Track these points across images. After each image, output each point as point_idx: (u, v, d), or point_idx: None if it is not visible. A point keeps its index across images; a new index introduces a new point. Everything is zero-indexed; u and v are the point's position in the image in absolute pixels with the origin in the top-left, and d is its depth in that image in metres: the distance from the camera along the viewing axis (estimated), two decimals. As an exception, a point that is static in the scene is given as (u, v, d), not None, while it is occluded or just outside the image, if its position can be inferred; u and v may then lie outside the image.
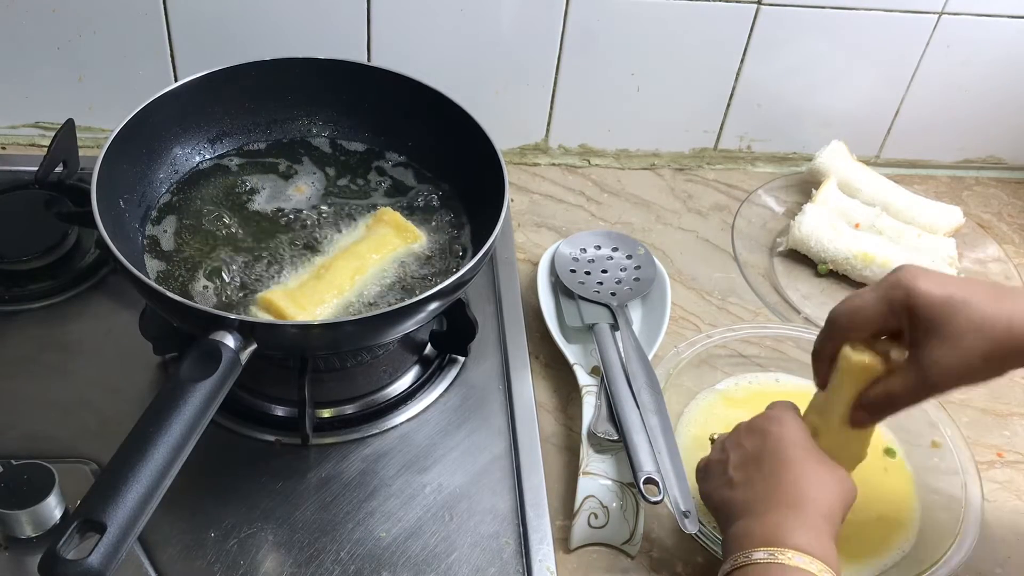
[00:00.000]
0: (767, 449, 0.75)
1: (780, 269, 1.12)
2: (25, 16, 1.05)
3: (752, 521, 0.72)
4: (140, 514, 0.61)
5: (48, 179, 1.02)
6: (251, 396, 0.88)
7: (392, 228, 0.89)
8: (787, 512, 0.71)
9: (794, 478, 0.73)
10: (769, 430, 0.77)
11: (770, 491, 0.73)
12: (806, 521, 0.70)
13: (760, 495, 0.73)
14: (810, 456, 0.74)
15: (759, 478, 0.74)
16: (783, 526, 0.70)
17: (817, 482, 0.73)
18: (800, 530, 0.69)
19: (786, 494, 0.72)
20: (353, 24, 1.08)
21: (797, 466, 0.73)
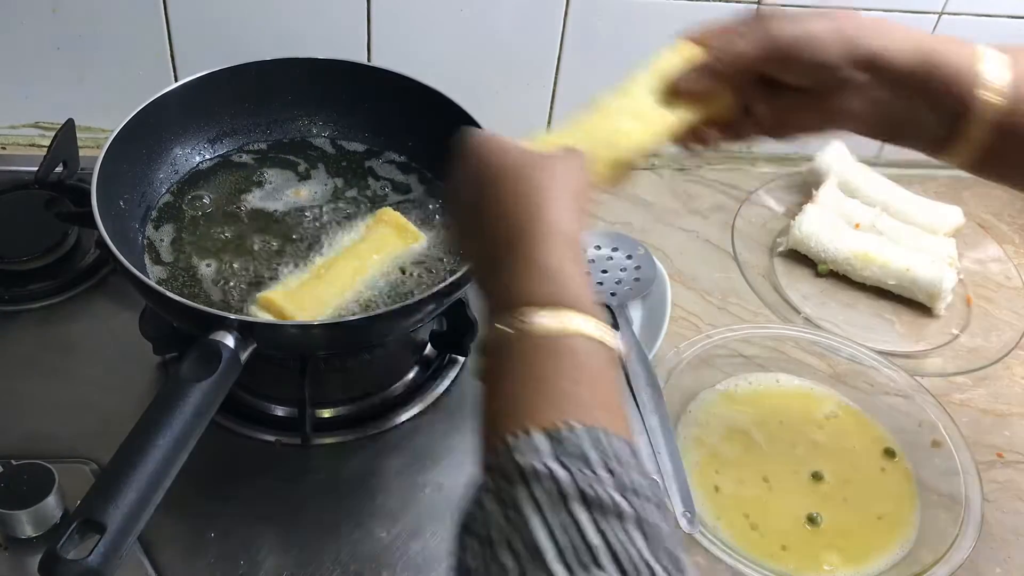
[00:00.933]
0: (475, 195, 0.61)
1: (780, 269, 1.12)
2: (25, 16, 1.05)
3: (489, 284, 0.59)
4: (140, 514, 0.61)
5: (48, 179, 1.02)
6: (251, 396, 0.88)
7: (392, 228, 0.89)
8: (511, 260, 0.57)
9: (503, 211, 0.59)
10: (476, 171, 0.62)
11: (490, 240, 0.59)
12: (529, 260, 0.56)
13: (486, 250, 0.60)
14: (515, 171, 0.60)
15: (477, 229, 0.61)
16: (513, 281, 0.56)
17: (534, 201, 0.58)
18: (525, 271, 0.56)
19: (504, 236, 0.58)
20: (353, 24, 1.08)
21: (505, 195, 0.59)
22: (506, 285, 0.56)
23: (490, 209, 0.60)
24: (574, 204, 0.59)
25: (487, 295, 0.59)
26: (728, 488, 0.86)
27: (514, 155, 0.61)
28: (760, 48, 0.65)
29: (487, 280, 0.60)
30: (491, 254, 0.59)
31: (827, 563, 0.82)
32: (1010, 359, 1.03)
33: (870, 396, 0.96)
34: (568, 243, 0.57)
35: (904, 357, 1.01)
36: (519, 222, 0.58)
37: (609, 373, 0.53)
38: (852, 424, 0.94)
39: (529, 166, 0.60)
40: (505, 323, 0.54)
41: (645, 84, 0.72)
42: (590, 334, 0.53)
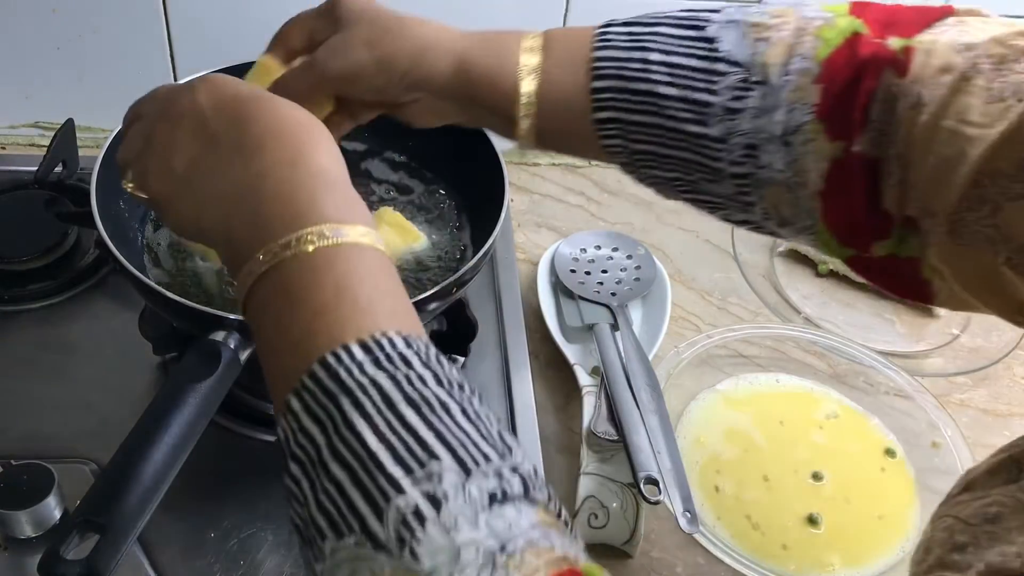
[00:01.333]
0: (212, 128, 0.55)
1: (780, 269, 1.12)
2: (25, 16, 1.05)
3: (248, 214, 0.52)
4: (140, 514, 0.61)
5: (48, 179, 1.01)
6: (251, 396, 0.88)
7: (393, 228, 0.89)
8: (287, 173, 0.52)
9: (272, 128, 0.54)
10: (196, 104, 0.57)
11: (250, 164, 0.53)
12: (314, 171, 0.53)
13: (240, 178, 0.53)
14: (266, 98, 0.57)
15: (223, 161, 0.54)
16: (297, 195, 0.51)
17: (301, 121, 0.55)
18: (320, 189, 0.52)
19: (274, 150, 0.53)
20: (353, 24, 1.08)
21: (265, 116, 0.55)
22: (286, 201, 0.51)
23: (237, 134, 0.54)
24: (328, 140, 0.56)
25: (250, 225, 0.52)
26: (728, 488, 0.86)
27: (249, 87, 0.59)
28: (315, 89, 0.69)
29: (245, 215, 0.52)
30: (249, 185, 0.53)
31: (827, 563, 0.82)
32: (1010, 359, 1.03)
33: (870, 396, 0.96)
34: (343, 170, 0.54)
35: (904, 357, 1.02)
36: (288, 140, 0.54)
37: (396, 279, 0.52)
38: (852, 424, 0.94)
39: (272, 97, 0.57)
40: (282, 247, 0.49)
41: None
42: (373, 243, 0.51)
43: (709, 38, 0.63)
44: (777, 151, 0.61)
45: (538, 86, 0.67)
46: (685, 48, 0.63)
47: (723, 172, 0.64)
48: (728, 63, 0.62)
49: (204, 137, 0.56)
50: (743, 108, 0.61)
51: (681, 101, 0.63)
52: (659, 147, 0.66)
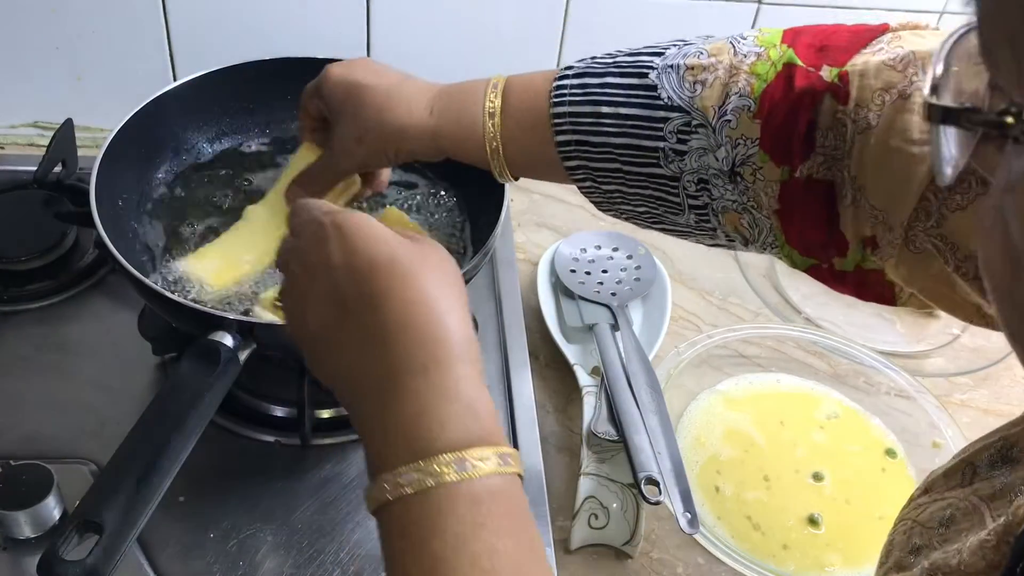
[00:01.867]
0: (346, 296, 0.52)
1: (780, 269, 1.12)
2: (25, 16, 1.05)
3: (378, 411, 0.50)
4: (139, 514, 0.61)
5: (47, 179, 1.01)
6: (251, 396, 0.88)
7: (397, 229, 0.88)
8: (418, 383, 0.50)
9: (406, 320, 0.50)
10: (332, 264, 0.53)
11: (381, 357, 0.51)
12: (447, 386, 0.50)
13: (369, 367, 0.51)
14: (410, 270, 0.52)
15: (357, 343, 0.52)
16: (426, 413, 0.49)
17: (439, 308, 0.51)
18: (448, 407, 0.49)
19: (404, 352, 0.50)
20: (353, 24, 1.08)
21: (398, 301, 0.51)
22: (413, 421, 0.49)
23: (369, 317, 0.51)
24: (463, 304, 0.53)
25: (375, 430, 0.50)
26: (729, 489, 0.86)
27: (393, 244, 0.53)
28: (337, 180, 0.83)
29: (373, 410, 0.51)
30: (379, 373, 0.50)
31: (828, 564, 0.82)
32: (1011, 359, 1.03)
33: (870, 396, 0.96)
34: (473, 360, 0.51)
35: (905, 357, 1.01)
36: (418, 342, 0.50)
37: (522, 514, 0.49)
38: (853, 424, 0.94)
39: (415, 261, 0.52)
40: (421, 471, 0.47)
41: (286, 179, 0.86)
42: (497, 469, 0.48)
43: (651, 86, 0.66)
44: (726, 184, 0.65)
45: (504, 148, 0.74)
46: (631, 98, 0.67)
47: (682, 205, 0.68)
48: (669, 109, 0.65)
49: (336, 304, 0.52)
50: (688, 150, 0.65)
51: (634, 148, 0.67)
52: (624, 187, 0.70)
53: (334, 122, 0.78)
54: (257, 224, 0.88)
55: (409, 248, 0.53)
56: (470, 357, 0.51)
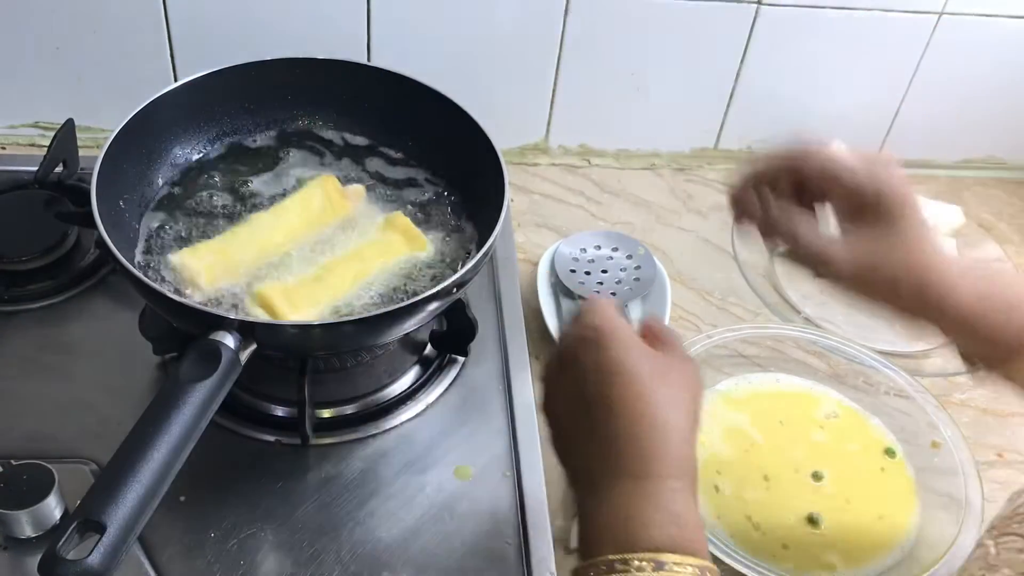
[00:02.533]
0: (589, 393, 0.59)
1: (780, 269, 1.12)
2: (25, 16, 1.05)
3: (596, 503, 0.57)
4: (140, 514, 0.61)
5: (48, 179, 1.01)
6: (251, 396, 0.88)
7: (400, 234, 0.89)
8: (632, 487, 0.56)
9: (632, 430, 0.57)
10: (582, 360, 0.61)
11: (606, 456, 0.58)
12: (658, 495, 0.56)
13: (595, 462, 0.58)
14: (637, 371, 0.59)
15: (589, 435, 0.59)
16: (634, 516, 0.55)
17: (663, 425, 0.57)
18: (654, 514, 0.55)
19: (626, 458, 0.57)
20: (353, 24, 1.08)
21: (623, 400, 0.58)
22: (623, 521, 0.56)
23: (602, 418, 0.59)
24: (693, 426, 0.60)
25: (590, 517, 0.58)
26: (728, 488, 0.86)
27: (638, 358, 0.60)
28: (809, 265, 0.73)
29: (591, 500, 0.58)
30: (602, 469, 0.58)
31: (827, 563, 0.82)
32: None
33: (870, 396, 0.96)
34: (687, 476, 0.58)
35: (904, 357, 1.01)
36: (639, 454, 0.57)
37: None
38: (852, 424, 0.94)
39: (654, 377, 0.59)
40: (623, 563, 0.53)
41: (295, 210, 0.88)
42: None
43: None
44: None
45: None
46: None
47: None
48: None
49: (580, 397, 0.60)
50: None
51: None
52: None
53: (877, 228, 0.67)
54: (259, 229, 0.88)
55: (652, 362, 0.60)
56: (685, 474, 0.57)
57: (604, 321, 0.62)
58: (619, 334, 0.61)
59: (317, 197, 0.91)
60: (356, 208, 0.92)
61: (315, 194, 0.91)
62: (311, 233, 0.89)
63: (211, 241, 0.87)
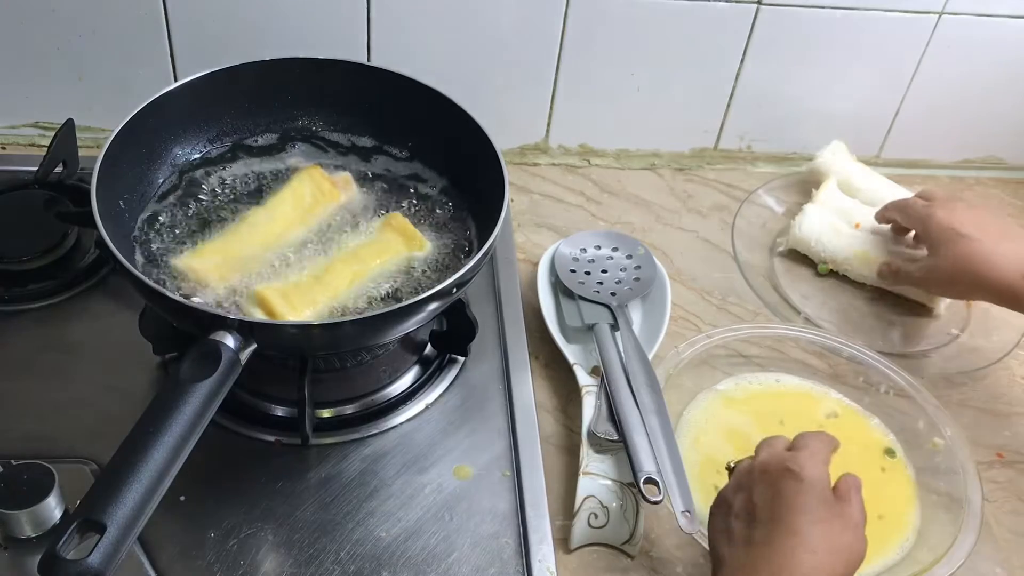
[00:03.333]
0: (775, 509, 0.69)
1: (780, 269, 1.12)
2: (25, 16, 1.05)
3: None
4: (140, 514, 0.61)
5: (48, 179, 1.02)
6: (251, 396, 0.88)
7: (399, 234, 0.89)
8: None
9: (794, 549, 0.67)
10: (782, 485, 0.70)
11: (759, 559, 0.67)
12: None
13: (749, 562, 0.68)
14: (819, 521, 0.68)
15: (758, 541, 0.68)
16: None
17: (819, 555, 0.67)
18: None
19: (776, 567, 0.66)
20: (353, 24, 1.08)
21: (800, 535, 0.67)
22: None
23: (760, 540, 0.68)
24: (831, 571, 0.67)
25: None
26: (728, 488, 0.86)
27: (818, 513, 0.69)
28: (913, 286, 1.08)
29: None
30: (751, 568, 0.67)
31: (827, 563, 0.82)
32: (1010, 359, 1.03)
33: (870, 396, 0.96)
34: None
35: (904, 357, 1.02)
36: (801, 571, 0.66)
37: None
38: (852, 424, 0.94)
39: (823, 527, 0.68)
40: None
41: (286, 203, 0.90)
42: None
43: None
44: None
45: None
46: None
47: None
48: None
49: (750, 514, 0.71)
50: None
51: None
52: None
53: (932, 253, 0.98)
54: (257, 224, 0.88)
55: (829, 519, 0.68)
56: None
57: (812, 468, 0.71)
58: (822, 486, 0.70)
59: (307, 187, 0.91)
60: (348, 197, 0.92)
61: (304, 185, 0.91)
62: (308, 223, 0.90)
63: (212, 241, 0.87)
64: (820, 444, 0.74)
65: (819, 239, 1.09)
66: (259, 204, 0.91)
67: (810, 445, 0.73)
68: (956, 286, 0.97)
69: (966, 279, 0.94)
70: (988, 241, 0.93)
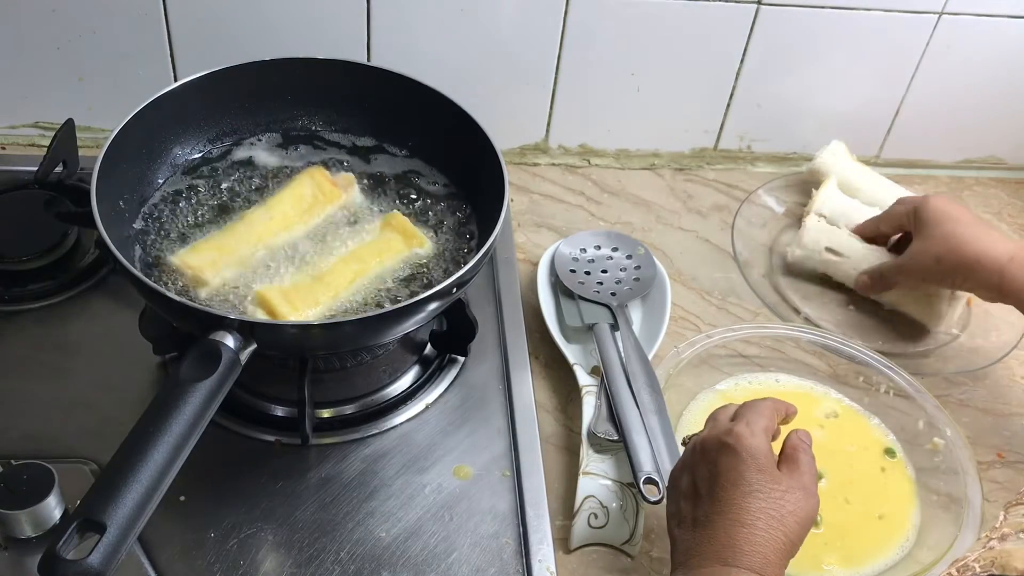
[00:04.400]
0: (715, 485, 0.69)
1: (779, 269, 1.12)
2: (25, 16, 1.05)
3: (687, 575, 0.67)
4: (140, 514, 0.61)
5: (48, 179, 1.01)
6: (251, 396, 0.88)
7: (399, 233, 0.89)
8: (720, 569, 0.65)
9: (732, 525, 0.67)
10: (719, 460, 0.70)
11: (707, 540, 0.67)
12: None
13: (699, 543, 0.68)
14: (754, 492, 0.68)
15: (701, 521, 0.69)
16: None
17: (757, 528, 0.67)
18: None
19: (721, 546, 0.66)
20: (353, 24, 1.08)
21: (737, 510, 0.67)
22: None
23: (715, 515, 0.68)
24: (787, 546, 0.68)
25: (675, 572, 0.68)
26: (728, 488, 0.86)
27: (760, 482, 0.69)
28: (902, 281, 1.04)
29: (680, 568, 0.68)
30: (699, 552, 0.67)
31: (827, 563, 0.82)
32: (1010, 359, 1.03)
33: (870, 396, 0.96)
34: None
35: (904, 357, 1.01)
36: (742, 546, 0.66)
37: None
38: (852, 424, 0.94)
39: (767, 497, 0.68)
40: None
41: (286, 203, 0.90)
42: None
43: None
44: None
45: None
46: None
47: None
48: None
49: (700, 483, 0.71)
50: None
51: None
52: None
53: (920, 235, 0.97)
54: (255, 222, 0.88)
55: (772, 486, 0.68)
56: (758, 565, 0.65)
57: (748, 438, 0.70)
58: (757, 456, 0.70)
59: (307, 187, 0.91)
60: (349, 197, 0.92)
61: (305, 185, 0.91)
62: (307, 223, 0.90)
63: (208, 239, 0.87)
64: (757, 414, 0.73)
65: (815, 268, 1.09)
66: (259, 203, 0.91)
67: (746, 415, 0.73)
68: (941, 267, 0.95)
69: (952, 259, 0.94)
70: (979, 227, 0.95)
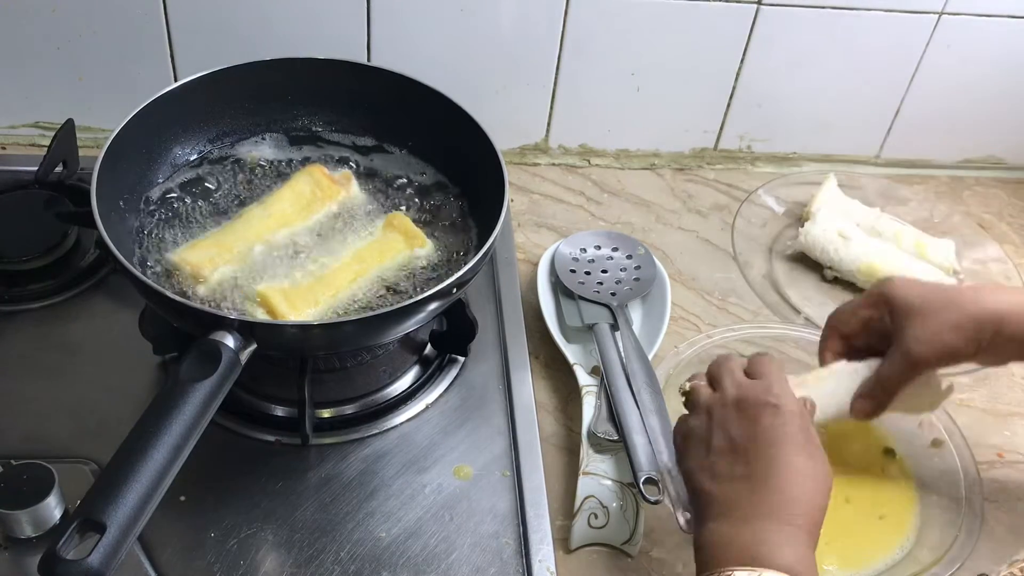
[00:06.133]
0: (759, 442, 0.70)
1: (780, 269, 1.12)
2: (25, 16, 1.05)
3: (731, 528, 0.67)
4: (140, 514, 0.61)
5: (48, 179, 1.02)
6: (251, 396, 0.88)
7: (400, 233, 0.89)
8: (773, 523, 0.66)
9: (784, 482, 0.68)
10: (762, 418, 0.71)
11: (755, 494, 0.68)
12: (793, 536, 0.65)
13: (744, 497, 0.68)
14: (802, 451, 0.69)
15: (745, 476, 0.69)
16: (768, 541, 0.65)
17: (807, 487, 0.68)
18: (787, 547, 0.65)
19: (774, 501, 0.67)
20: (353, 24, 1.08)
21: (788, 468, 0.68)
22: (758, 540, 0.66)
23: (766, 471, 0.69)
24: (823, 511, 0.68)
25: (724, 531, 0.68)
26: (728, 488, 0.86)
27: (804, 440, 0.70)
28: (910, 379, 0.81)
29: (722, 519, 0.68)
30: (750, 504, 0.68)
31: (827, 563, 0.82)
32: (1010, 359, 1.03)
33: (870, 396, 0.96)
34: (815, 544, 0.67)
35: (904, 357, 1.01)
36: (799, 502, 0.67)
37: None
38: (852, 424, 0.93)
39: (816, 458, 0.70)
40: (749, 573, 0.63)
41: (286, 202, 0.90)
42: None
43: None
44: None
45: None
46: None
47: None
48: None
49: (732, 440, 0.71)
50: None
51: None
52: None
53: (904, 326, 0.78)
54: (253, 220, 0.88)
55: (811, 447, 0.70)
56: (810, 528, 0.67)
57: (788, 398, 0.72)
58: (802, 418, 0.71)
59: (306, 184, 0.91)
60: (349, 195, 0.93)
61: (303, 182, 0.92)
62: (306, 219, 0.90)
63: (206, 237, 0.87)
64: (779, 369, 0.76)
65: (824, 248, 1.09)
66: (258, 201, 0.91)
67: (772, 372, 0.75)
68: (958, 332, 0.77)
69: (953, 311, 0.77)
70: (962, 287, 0.91)
